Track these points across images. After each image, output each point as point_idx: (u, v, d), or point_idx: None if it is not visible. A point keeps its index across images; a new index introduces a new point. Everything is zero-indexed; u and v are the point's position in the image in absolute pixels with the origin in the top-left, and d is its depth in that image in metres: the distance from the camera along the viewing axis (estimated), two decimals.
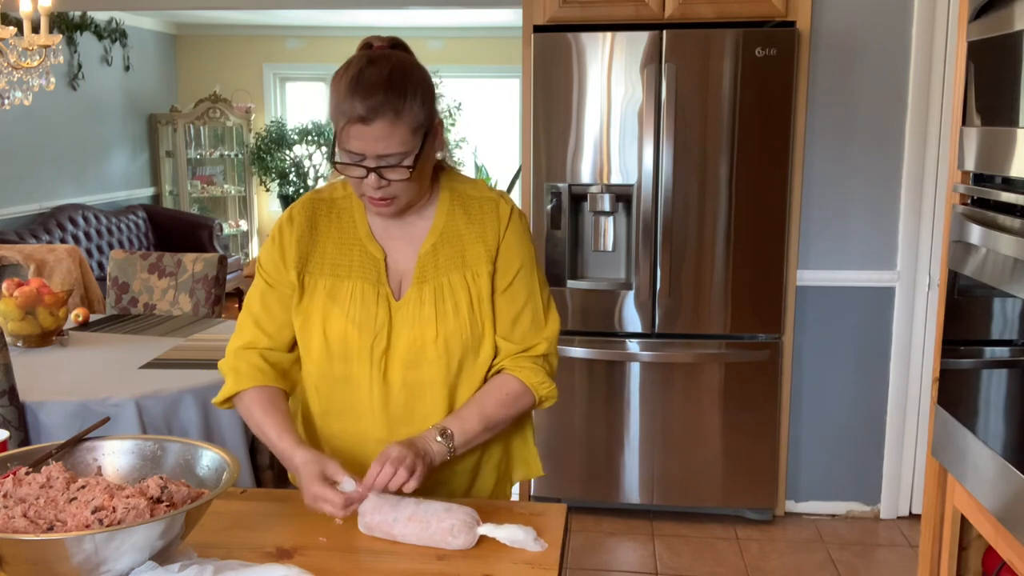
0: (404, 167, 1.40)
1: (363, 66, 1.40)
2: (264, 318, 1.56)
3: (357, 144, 1.38)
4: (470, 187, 1.58)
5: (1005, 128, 1.74)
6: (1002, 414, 1.77)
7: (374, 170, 1.39)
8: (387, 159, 1.39)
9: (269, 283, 1.56)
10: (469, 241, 1.53)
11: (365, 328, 1.49)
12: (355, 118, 1.36)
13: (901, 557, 3.22)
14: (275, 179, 8.01)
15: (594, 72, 3.22)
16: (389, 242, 1.54)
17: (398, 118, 1.37)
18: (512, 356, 1.55)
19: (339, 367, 1.52)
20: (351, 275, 1.51)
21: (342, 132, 1.39)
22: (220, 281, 3.58)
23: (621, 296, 3.33)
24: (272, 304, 1.55)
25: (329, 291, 1.51)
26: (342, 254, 1.53)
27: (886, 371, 3.44)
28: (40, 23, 3.30)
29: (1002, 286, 1.73)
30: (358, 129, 1.37)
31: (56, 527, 1.17)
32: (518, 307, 1.56)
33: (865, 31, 3.25)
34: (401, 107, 1.37)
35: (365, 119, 1.36)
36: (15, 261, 4.19)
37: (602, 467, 3.45)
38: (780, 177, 3.21)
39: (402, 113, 1.37)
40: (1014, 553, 1.72)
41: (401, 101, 1.37)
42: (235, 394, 1.55)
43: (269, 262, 1.55)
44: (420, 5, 6.34)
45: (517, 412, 1.55)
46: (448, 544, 1.32)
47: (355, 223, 1.55)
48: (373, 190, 1.42)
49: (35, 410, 2.40)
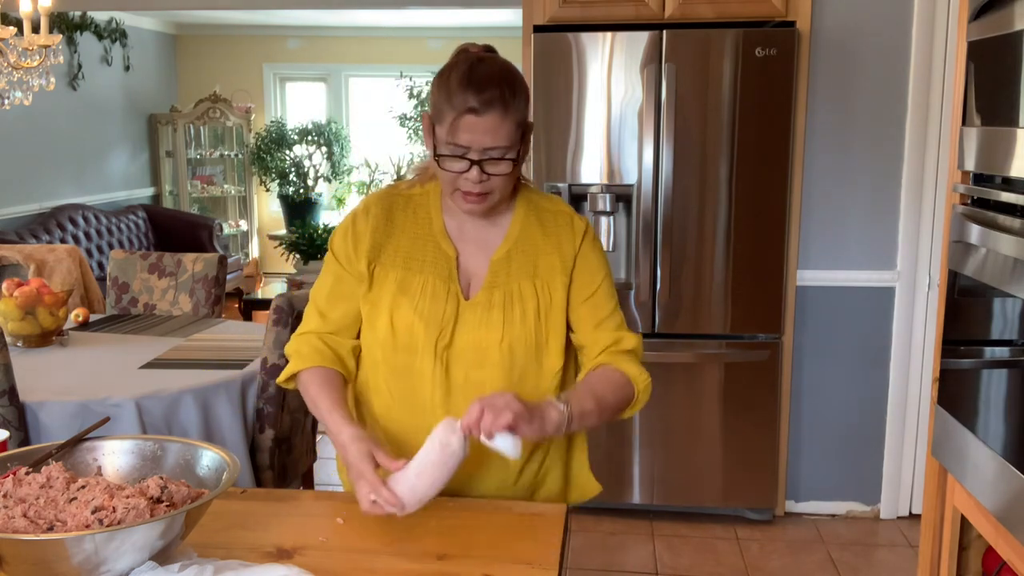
0: (508, 160, 1.44)
1: (473, 63, 1.44)
2: (328, 308, 1.59)
3: (466, 137, 1.41)
4: (546, 201, 1.61)
5: (1005, 128, 1.74)
6: (1002, 414, 1.77)
7: (477, 163, 1.42)
8: (492, 152, 1.43)
9: (337, 272, 1.58)
10: (543, 252, 1.55)
11: (432, 322, 1.51)
12: (467, 110, 1.40)
13: (901, 557, 3.22)
14: (275, 179, 8.01)
15: (594, 72, 3.22)
16: (462, 243, 1.56)
17: (507, 112, 1.42)
18: (607, 351, 1.56)
19: (403, 358, 1.53)
20: (423, 269, 1.53)
21: (452, 125, 1.41)
22: (220, 281, 3.58)
23: (621, 296, 3.31)
24: (338, 293, 1.58)
25: (400, 283, 1.53)
26: (416, 248, 1.55)
27: (886, 371, 3.44)
28: (40, 23, 3.30)
29: (1002, 286, 1.73)
30: (469, 121, 1.40)
31: (56, 527, 1.17)
32: (603, 314, 1.57)
33: (865, 31, 3.25)
34: (511, 101, 1.42)
35: (477, 111, 1.40)
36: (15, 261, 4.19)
37: (602, 467, 3.41)
38: (780, 177, 3.21)
39: (510, 108, 1.42)
40: (1014, 553, 1.72)
41: (511, 96, 1.42)
42: (295, 374, 1.58)
43: (341, 250, 1.58)
44: (420, 5, 6.34)
45: (622, 401, 1.54)
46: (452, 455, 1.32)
47: (431, 219, 1.57)
48: (473, 184, 1.44)
49: (35, 410, 2.40)
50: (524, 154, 1.50)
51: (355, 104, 8.47)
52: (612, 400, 1.53)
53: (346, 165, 8.17)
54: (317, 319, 1.59)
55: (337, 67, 8.29)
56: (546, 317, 1.53)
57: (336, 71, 8.32)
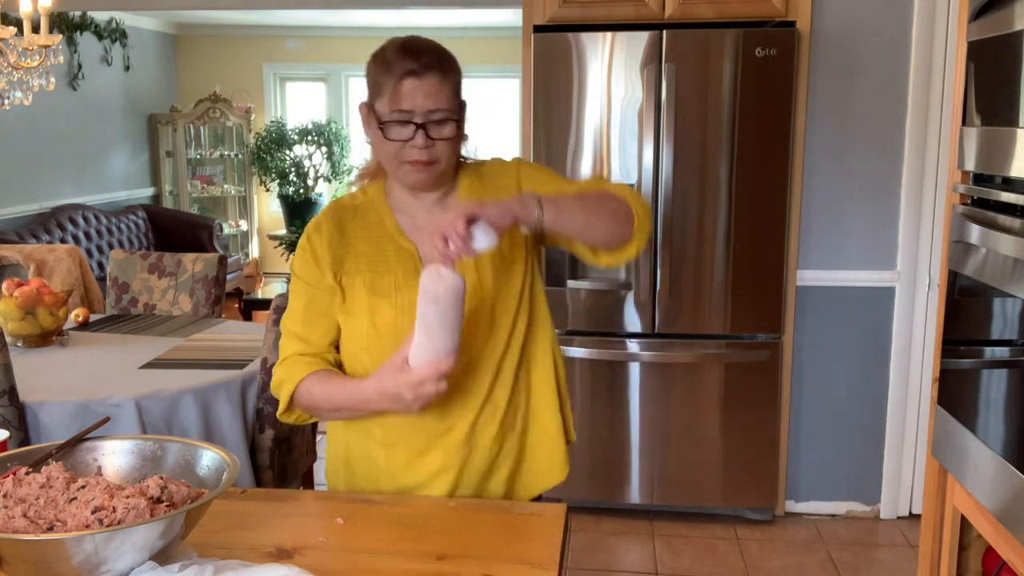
0: (451, 121, 1.46)
1: (405, 38, 1.48)
2: (307, 330, 1.57)
3: (408, 101, 1.43)
4: (483, 166, 1.63)
5: (1005, 128, 1.74)
6: (1002, 414, 1.77)
7: (422, 126, 1.43)
8: (435, 115, 1.44)
9: (308, 293, 1.56)
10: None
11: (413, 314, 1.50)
12: (407, 72, 1.42)
13: (901, 557, 3.22)
14: (275, 179, 8.01)
15: (594, 72, 3.22)
16: (419, 236, 1.55)
17: (445, 76, 1.45)
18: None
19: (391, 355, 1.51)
20: (389, 268, 1.53)
21: (393, 91, 1.43)
22: (220, 281, 3.58)
23: (621, 296, 3.33)
24: (314, 312, 1.56)
25: (370, 286, 1.53)
26: (376, 251, 1.55)
27: (886, 371, 3.44)
28: (40, 23, 3.30)
29: (1002, 286, 1.73)
30: (410, 84, 1.42)
31: (56, 527, 1.16)
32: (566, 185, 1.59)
33: (865, 31, 3.25)
34: (447, 67, 1.46)
35: (418, 72, 1.42)
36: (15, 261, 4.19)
37: (602, 467, 3.45)
38: (780, 177, 3.21)
39: (448, 72, 1.46)
40: (1014, 553, 1.72)
41: (448, 64, 1.47)
42: (293, 392, 1.54)
43: (305, 272, 1.56)
44: (420, 5, 6.34)
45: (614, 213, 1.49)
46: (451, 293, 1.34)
47: (382, 222, 1.57)
48: (419, 151, 1.45)
49: (35, 410, 2.40)
50: (463, 131, 1.52)
51: (355, 104, 8.46)
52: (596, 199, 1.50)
53: (346, 165, 8.17)
54: (297, 343, 1.57)
55: (337, 67, 8.28)
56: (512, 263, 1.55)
57: (336, 71, 8.32)
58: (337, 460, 1.64)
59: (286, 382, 1.55)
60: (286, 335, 1.59)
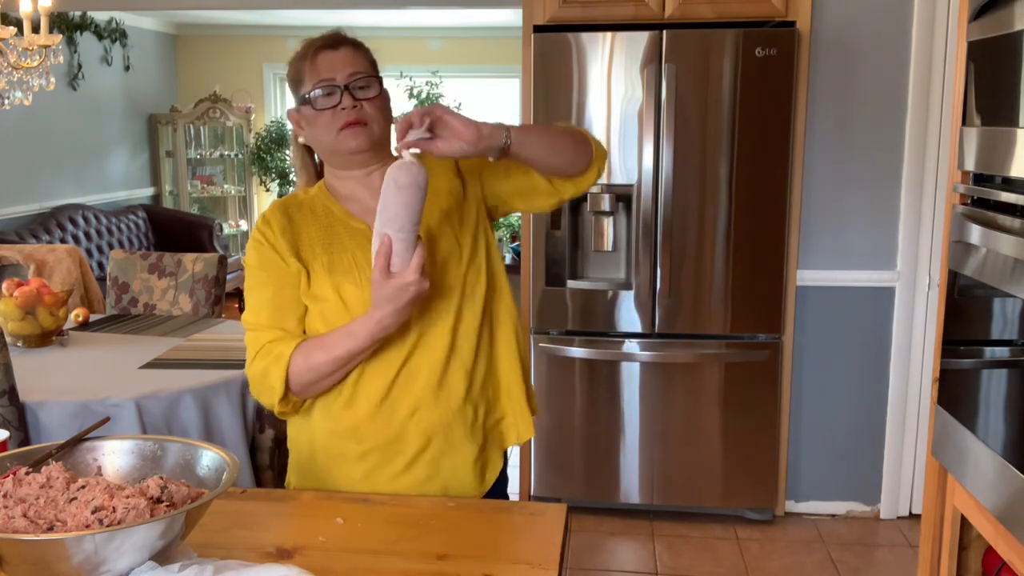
0: (375, 81, 1.53)
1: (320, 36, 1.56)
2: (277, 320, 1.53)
3: (326, 70, 1.50)
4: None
5: (1005, 128, 1.74)
6: (1002, 414, 1.77)
7: (346, 88, 1.49)
8: (357, 78, 1.51)
9: (273, 284, 1.54)
10: (435, 174, 1.56)
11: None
12: (321, 46, 1.51)
13: (901, 557, 3.22)
14: (275, 179, 8.01)
15: (594, 72, 3.22)
16: (368, 216, 1.55)
17: (358, 49, 1.55)
18: None
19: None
20: (344, 248, 1.54)
21: (311, 66, 1.51)
22: (220, 281, 3.58)
23: (621, 296, 3.33)
24: (283, 303, 1.54)
25: (329, 267, 1.53)
26: (329, 234, 1.56)
27: (886, 371, 3.44)
28: (40, 23, 3.30)
29: (1002, 286, 1.73)
30: (325, 55, 1.51)
31: (56, 527, 1.16)
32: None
33: (865, 31, 3.25)
34: (360, 45, 1.56)
35: (331, 46, 1.52)
36: (15, 261, 4.19)
37: (602, 467, 3.45)
38: (780, 177, 3.21)
39: (360, 48, 1.55)
40: (1014, 553, 1.72)
41: (358, 43, 1.56)
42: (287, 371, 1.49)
43: (265, 262, 1.54)
44: (420, 5, 6.34)
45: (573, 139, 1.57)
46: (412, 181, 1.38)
47: (329, 210, 1.58)
48: (348, 112, 1.49)
49: (35, 410, 2.40)
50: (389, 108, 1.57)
51: None
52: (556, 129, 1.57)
53: None
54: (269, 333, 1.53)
55: None
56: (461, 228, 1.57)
57: None
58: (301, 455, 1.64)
59: (272, 367, 1.50)
60: (253, 331, 1.54)
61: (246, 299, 1.60)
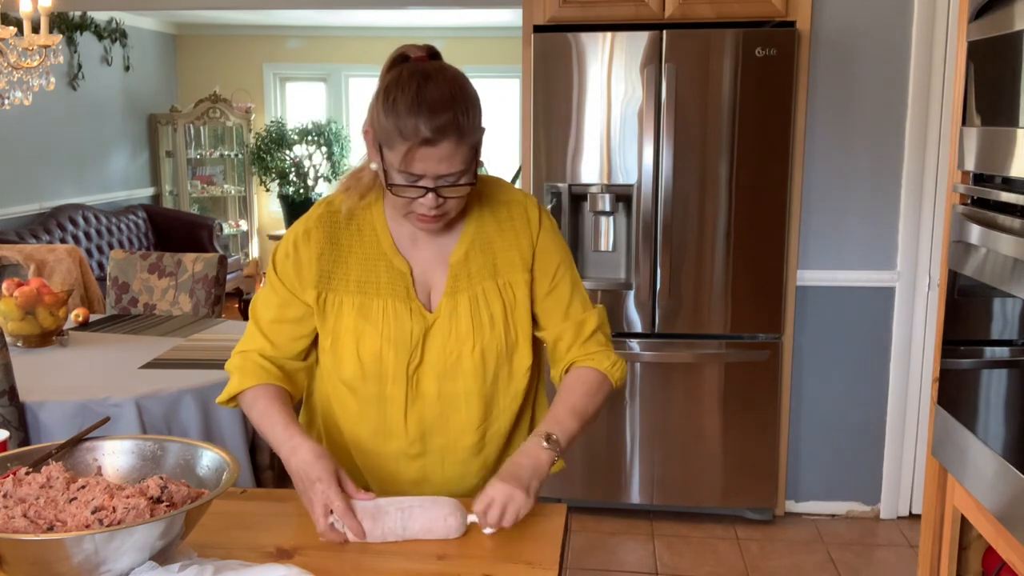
0: (463, 184, 1.38)
1: (420, 82, 1.34)
2: (274, 331, 1.52)
3: (420, 166, 1.34)
4: (496, 190, 1.55)
5: (1005, 128, 1.74)
6: (1002, 414, 1.77)
7: (433, 190, 1.36)
8: (447, 178, 1.36)
9: (284, 296, 1.51)
10: (501, 249, 1.51)
11: (401, 346, 1.46)
12: (420, 141, 1.32)
13: (901, 557, 3.22)
14: (275, 179, 8.02)
15: (594, 72, 3.22)
16: (414, 254, 1.50)
17: (462, 137, 1.34)
18: (577, 344, 1.55)
19: (373, 387, 1.49)
20: (380, 292, 1.47)
21: (405, 156, 1.33)
22: (220, 281, 3.58)
23: (621, 296, 3.33)
24: (284, 318, 1.51)
25: (359, 309, 1.47)
26: (368, 270, 1.48)
27: (886, 371, 3.44)
28: (40, 23, 3.30)
29: (1002, 286, 1.73)
30: (423, 152, 1.32)
31: (56, 527, 1.17)
32: (565, 303, 1.55)
33: (865, 31, 3.25)
34: (465, 125, 1.34)
35: (431, 141, 1.32)
36: (15, 261, 4.19)
37: (602, 467, 3.45)
38: (780, 177, 3.21)
39: (466, 132, 1.34)
40: (1014, 553, 1.72)
41: (465, 119, 1.34)
42: (239, 392, 1.50)
43: (285, 276, 1.50)
44: (420, 5, 6.34)
45: (602, 400, 1.54)
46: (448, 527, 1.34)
47: (378, 236, 1.50)
48: (428, 209, 1.38)
49: (35, 410, 2.40)
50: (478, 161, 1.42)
51: (355, 104, 8.46)
52: (593, 409, 1.52)
53: (346, 165, 8.17)
54: (261, 340, 1.52)
55: (337, 67, 8.28)
56: (512, 316, 1.51)
57: (336, 71, 8.31)
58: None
59: (235, 375, 1.51)
60: (255, 323, 1.53)
61: (263, 285, 1.57)
